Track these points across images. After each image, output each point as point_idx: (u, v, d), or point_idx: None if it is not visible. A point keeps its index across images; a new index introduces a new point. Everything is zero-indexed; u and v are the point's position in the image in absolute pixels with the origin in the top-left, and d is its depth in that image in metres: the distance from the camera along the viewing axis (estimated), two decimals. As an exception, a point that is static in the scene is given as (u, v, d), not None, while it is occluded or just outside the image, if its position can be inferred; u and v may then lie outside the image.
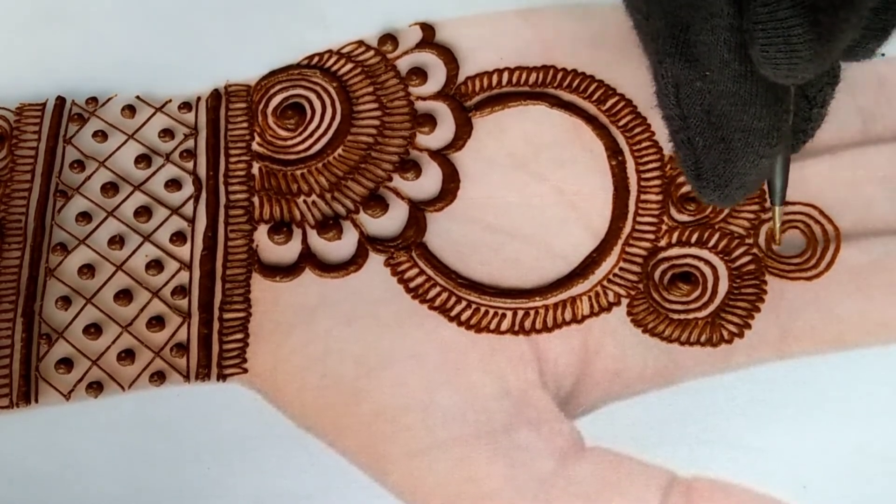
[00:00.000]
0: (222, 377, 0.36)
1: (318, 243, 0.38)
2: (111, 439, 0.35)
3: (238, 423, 0.35)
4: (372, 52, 0.42)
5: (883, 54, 0.33)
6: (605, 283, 0.37)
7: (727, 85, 0.28)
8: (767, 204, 0.38)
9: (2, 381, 0.36)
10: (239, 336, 0.37)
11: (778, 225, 0.36)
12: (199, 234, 0.39)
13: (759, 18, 0.26)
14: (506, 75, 0.41)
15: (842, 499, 0.33)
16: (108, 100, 0.42)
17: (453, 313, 0.37)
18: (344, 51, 0.42)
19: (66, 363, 0.36)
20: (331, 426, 0.35)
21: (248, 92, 0.42)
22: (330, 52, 0.42)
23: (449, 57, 0.42)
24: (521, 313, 0.37)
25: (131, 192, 0.40)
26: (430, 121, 0.40)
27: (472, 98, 0.41)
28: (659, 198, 0.38)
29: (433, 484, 0.34)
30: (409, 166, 0.39)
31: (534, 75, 0.41)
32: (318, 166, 0.40)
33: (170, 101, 0.42)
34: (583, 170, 0.39)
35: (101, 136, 0.41)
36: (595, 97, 0.41)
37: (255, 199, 0.39)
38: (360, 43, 0.42)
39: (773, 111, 0.30)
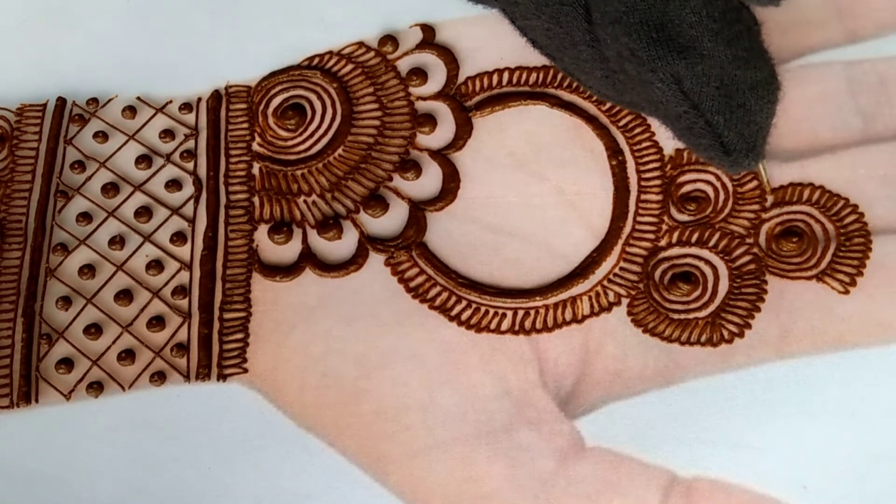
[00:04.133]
0: (222, 377, 0.36)
1: (319, 243, 0.38)
2: (111, 439, 0.35)
3: (238, 422, 0.35)
4: (372, 53, 0.42)
5: None
6: (605, 282, 0.37)
7: (725, 53, 0.29)
8: (768, 203, 0.38)
9: (2, 380, 0.36)
10: (239, 336, 0.37)
11: (765, 177, 0.36)
12: (199, 234, 0.39)
13: None
14: (506, 75, 0.41)
15: (842, 499, 0.33)
16: (109, 100, 0.42)
17: (454, 313, 0.37)
18: (344, 52, 0.42)
19: (67, 363, 0.36)
20: (331, 426, 0.35)
21: (249, 93, 0.42)
22: (330, 53, 0.42)
23: (449, 57, 0.42)
24: (521, 313, 0.37)
25: (132, 193, 0.40)
26: (430, 121, 0.40)
27: (472, 98, 0.41)
28: (659, 197, 0.38)
29: (433, 484, 0.34)
30: (410, 166, 0.39)
31: (534, 75, 0.41)
32: (319, 166, 0.40)
33: (170, 101, 0.42)
34: (583, 170, 0.39)
35: (101, 136, 0.41)
36: (595, 97, 0.41)
37: (256, 200, 0.39)
38: (361, 44, 0.42)
39: (764, 56, 0.30)
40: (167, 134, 0.41)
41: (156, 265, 0.38)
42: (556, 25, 0.31)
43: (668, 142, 0.39)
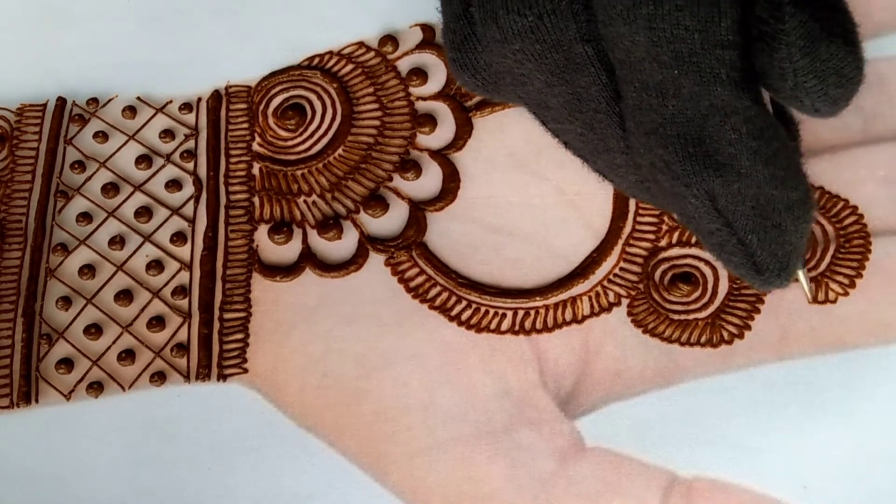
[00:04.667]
0: (223, 377, 0.36)
1: (319, 243, 0.38)
2: (111, 439, 0.35)
3: (238, 423, 0.35)
4: (372, 53, 0.42)
5: None
6: (605, 283, 0.37)
7: (763, 172, 0.28)
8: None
9: (2, 381, 0.36)
10: (239, 336, 0.37)
11: (806, 285, 0.35)
12: (199, 234, 0.39)
13: (801, 68, 0.26)
14: (506, 76, 0.41)
15: (842, 499, 0.33)
16: (109, 100, 0.42)
17: (454, 313, 0.37)
18: (344, 52, 0.42)
19: (67, 363, 0.36)
20: (331, 426, 0.35)
21: (249, 93, 0.42)
22: (330, 53, 0.42)
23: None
24: (521, 313, 0.37)
25: (132, 193, 0.40)
26: (430, 121, 0.40)
27: (472, 98, 0.41)
28: (659, 198, 0.38)
29: (433, 484, 0.34)
30: (410, 166, 0.39)
31: (534, 76, 0.41)
32: (319, 166, 0.40)
33: (170, 101, 0.42)
34: (583, 170, 0.39)
35: (101, 136, 0.41)
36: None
37: (256, 200, 0.39)
38: (361, 44, 0.42)
39: (801, 175, 0.30)
40: (167, 134, 0.41)
41: (156, 265, 0.38)
42: (589, 131, 0.30)
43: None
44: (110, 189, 0.40)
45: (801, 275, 0.35)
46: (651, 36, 0.26)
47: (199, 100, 0.42)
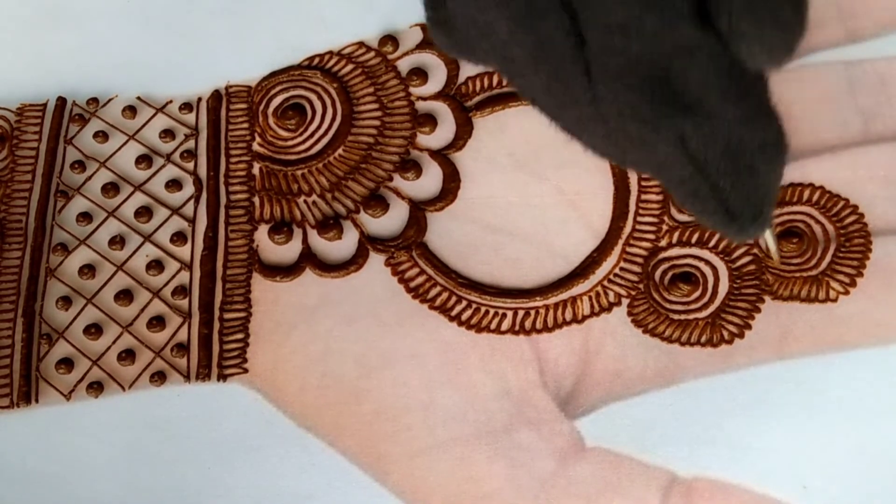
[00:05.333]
0: (223, 377, 0.36)
1: (319, 243, 0.38)
2: (111, 439, 0.35)
3: (238, 422, 0.35)
4: (372, 53, 0.42)
5: None
6: (605, 283, 0.37)
7: (733, 111, 0.27)
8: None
9: (2, 380, 0.36)
10: (239, 336, 0.37)
11: (773, 245, 0.36)
12: (199, 234, 0.39)
13: (738, 9, 0.25)
14: (506, 76, 0.41)
15: (842, 499, 0.33)
16: (109, 100, 0.42)
17: (454, 313, 0.37)
18: (344, 52, 0.42)
19: (67, 363, 0.36)
20: (331, 426, 0.35)
21: (249, 93, 0.42)
22: (331, 53, 0.42)
23: (449, 57, 0.42)
24: (521, 313, 0.37)
25: (132, 193, 0.40)
26: (430, 121, 0.40)
27: (472, 98, 0.41)
28: (659, 198, 0.38)
29: (434, 484, 0.34)
30: (410, 166, 0.39)
31: (534, 76, 0.41)
32: (319, 166, 0.40)
33: (170, 101, 0.42)
34: (583, 170, 0.39)
35: (101, 136, 0.41)
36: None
37: (256, 200, 0.39)
38: (361, 44, 0.42)
39: (774, 118, 0.29)
40: (167, 134, 0.41)
41: (156, 265, 0.38)
42: (555, 82, 0.30)
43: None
44: (110, 189, 0.40)
45: (767, 233, 0.34)
46: None
47: (200, 100, 0.42)
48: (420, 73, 0.41)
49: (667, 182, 0.30)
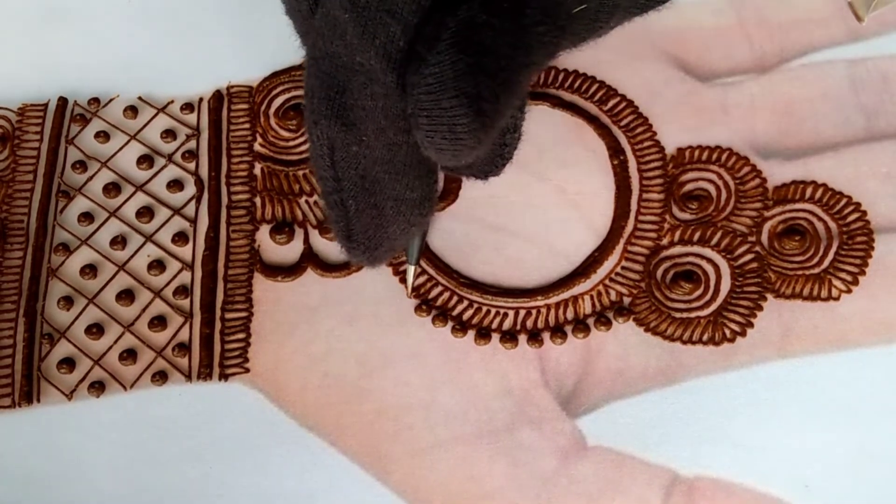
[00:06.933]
0: (224, 377, 0.36)
1: (320, 243, 0.38)
2: (113, 439, 0.35)
3: (240, 422, 0.35)
4: (374, 53, 0.42)
5: None
6: (607, 282, 0.37)
7: (382, 152, 0.28)
8: (770, 202, 0.38)
9: (4, 380, 0.36)
10: (241, 336, 0.37)
11: (411, 282, 0.36)
12: (200, 234, 0.39)
13: (423, 105, 0.25)
14: (507, 75, 0.41)
15: (843, 498, 0.33)
16: (111, 100, 0.42)
17: (455, 313, 0.37)
18: (346, 51, 0.42)
19: (68, 363, 0.36)
20: (333, 425, 0.35)
21: (251, 93, 0.42)
22: (332, 52, 0.42)
23: (451, 57, 0.42)
24: (523, 312, 0.37)
25: (133, 193, 0.40)
26: (431, 120, 0.40)
27: (473, 97, 0.41)
28: (661, 196, 0.38)
29: (435, 483, 0.34)
30: (411, 166, 0.39)
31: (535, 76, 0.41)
32: (320, 166, 0.40)
33: (172, 101, 0.42)
34: (585, 169, 0.39)
35: (103, 136, 0.41)
36: (596, 98, 0.41)
37: (257, 200, 0.39)
38: (362, 43, 0.42)
39: (425, 182, 0.29)
40: (169, 134, 0.41)
41: (157, 265, 0.38)
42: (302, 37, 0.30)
43: (670, 141, 0.39)
44: (112, 189, 0.40)
45: (409, 270, 0.36)
46: None
47: (201, 100, 0.42)
48: (421, 73, 0.41)
49: (314, 172, 0.30)
